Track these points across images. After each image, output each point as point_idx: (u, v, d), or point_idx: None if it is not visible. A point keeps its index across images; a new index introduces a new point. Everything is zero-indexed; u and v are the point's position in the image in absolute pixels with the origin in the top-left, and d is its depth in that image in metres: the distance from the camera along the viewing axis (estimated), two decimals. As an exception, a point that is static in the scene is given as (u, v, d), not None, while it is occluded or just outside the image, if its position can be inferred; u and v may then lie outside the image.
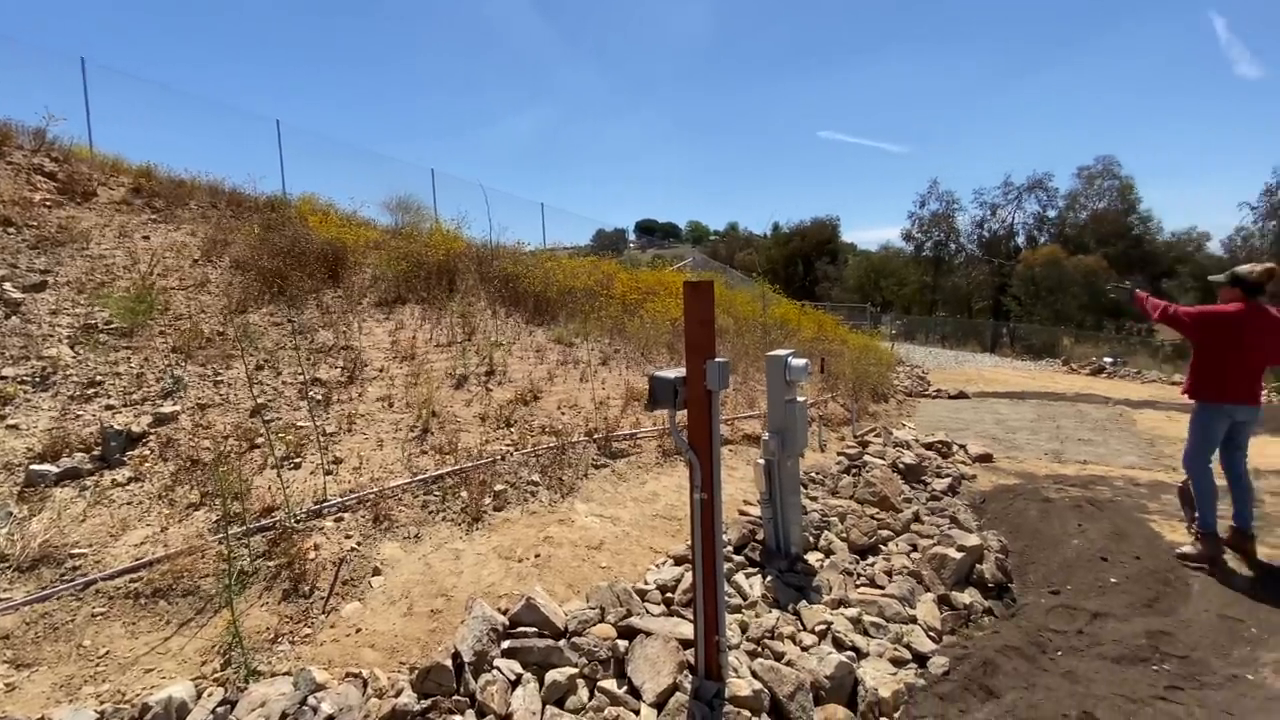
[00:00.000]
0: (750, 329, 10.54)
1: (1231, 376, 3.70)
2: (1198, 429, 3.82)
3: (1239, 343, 3.65)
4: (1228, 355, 3.69)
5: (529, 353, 6.58)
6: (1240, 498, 3.80)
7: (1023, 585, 3.58)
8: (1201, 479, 3.83)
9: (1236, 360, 3.69)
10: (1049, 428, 7.99)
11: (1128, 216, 31.00)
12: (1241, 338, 3.64)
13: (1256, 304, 3.66)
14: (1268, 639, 2.94)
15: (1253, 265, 3.78)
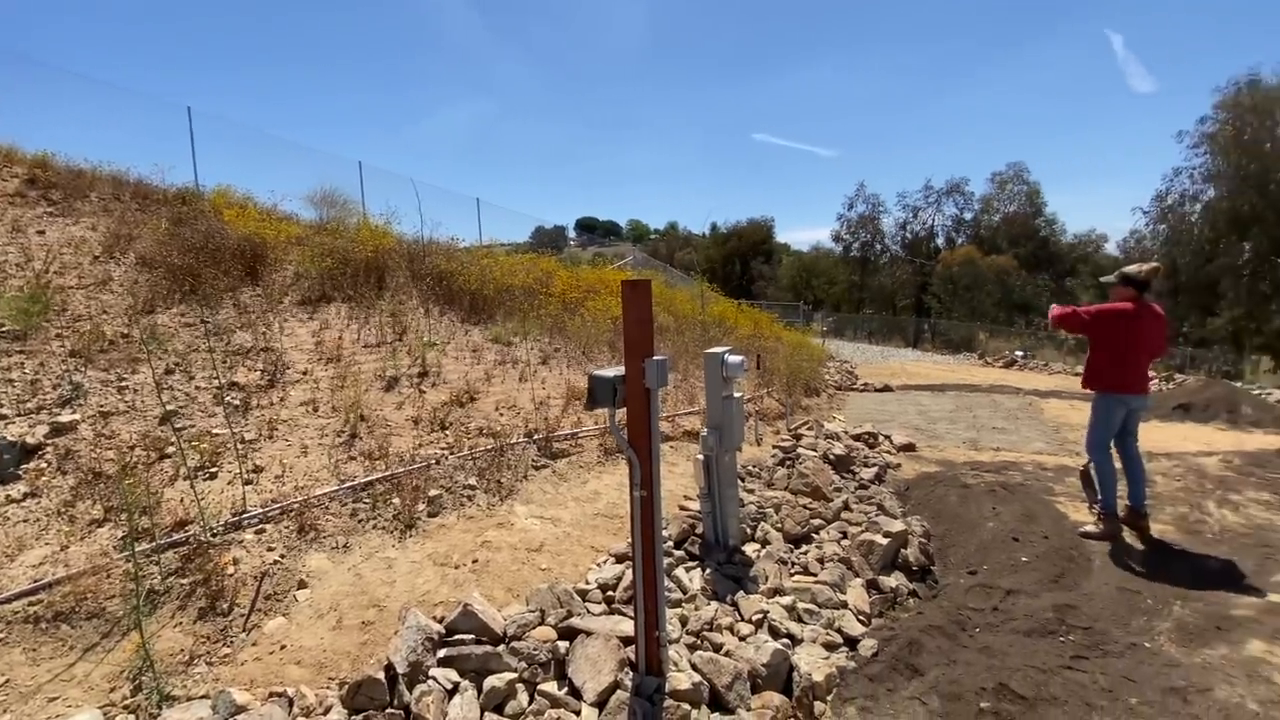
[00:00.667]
0: (690, 327, 10.68)
1: (1127, 369, 4.03)
2: (1101, 418, 4.13)
3: (1132, 338, 3.99)
4: (1123, 349, 4.01)
5: (465, 353, 6.43)
6: (1135, 479, 4.16)
7: (944, 567, 3.79)
8: (1103, 463, 4.16)
9: (1130, 354, 4.02)
10: (966, 417, 8.50)
11: (1035, 219, 33.38)
12: (1134, 333, 3.98)
13: (1144, 301, 4.01)
14: (1161, 609, 3.22)
15: (1140, 265, 4.13)
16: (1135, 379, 4.05)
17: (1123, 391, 4.04)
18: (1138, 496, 4.16)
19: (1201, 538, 4.14)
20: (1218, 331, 20.82)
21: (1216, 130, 19.73)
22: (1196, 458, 6.05)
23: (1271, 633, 2.95)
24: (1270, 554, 3.82)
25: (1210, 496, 4.88)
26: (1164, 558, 3.82)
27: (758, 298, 43.67)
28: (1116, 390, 4.04)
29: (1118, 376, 4.04)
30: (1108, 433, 4.12)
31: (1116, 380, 4.04)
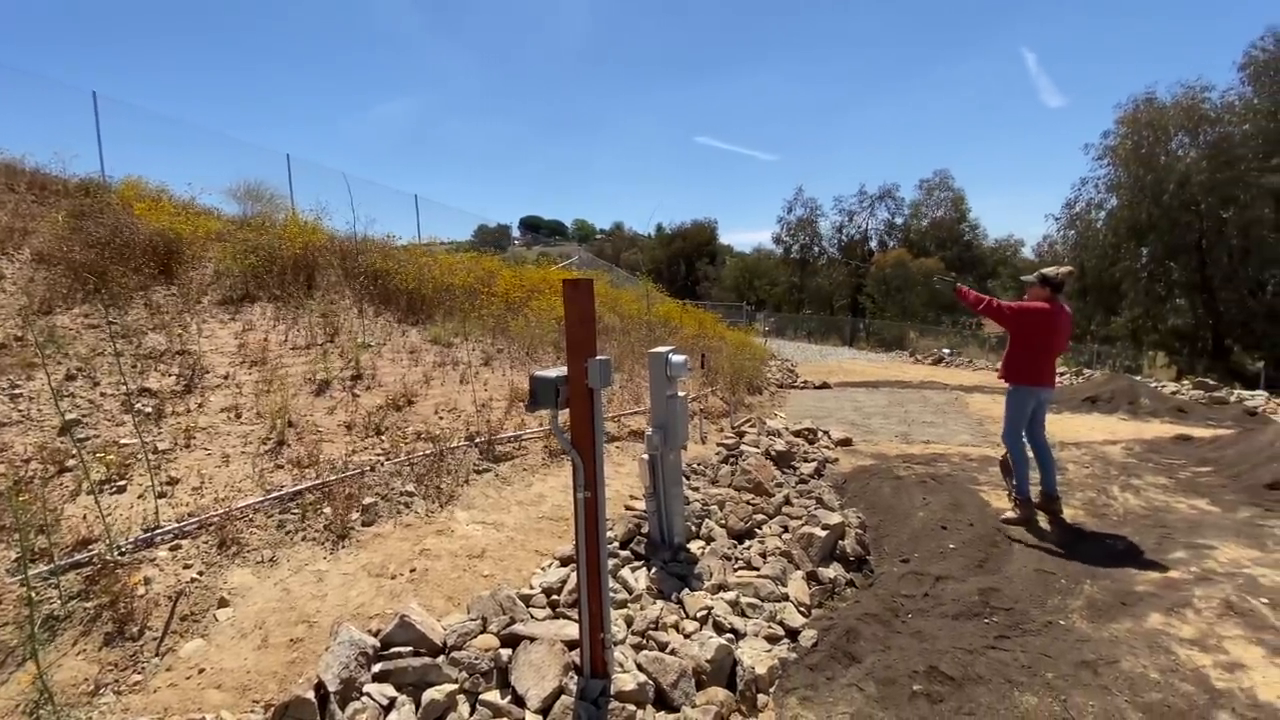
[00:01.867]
0: (635, 327, 10.71)
1: (1041, 364, 4.31)
2: (1016, 409, 4.41)
3: (1048, 335, 4.28)
4: (1039, 346, 4.30)
5: (402, 354, 6.21)
6: (1046, 467, 4.45)
7: (879, 556, 3.94)
8: (1017, 451, 4.44)
9: (1044, 350, 4.31)
10: (899, 413, 8.88)
11: (960, 224, 35.31)
12: (1050, 331, 4.27)
13: (1058, 302, 4.30)
14: (1074, 588, 3.45)
15: (1057, 268, 4.43)
16: (1047, 373, 4.36)
17: (1036, 384, 4.33)
18: (1050, 483, 4.45)
19: (1108, 520, 4.46)
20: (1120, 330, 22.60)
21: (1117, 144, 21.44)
22: (1102, 446, 6.53)
23: (1169, 606, 3.21)
24: (1167, 533, 4.16)
25: (1115, 482, 5.28)
26: (1075, 540, 4.09)
27: (702, 298, 44.25)
28: (1031, 383, 4.32)
29: (1033, 371, 4.32)
30: (1022, 423, 4.40)
31: (1032, 374, 4.32)
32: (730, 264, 48.73)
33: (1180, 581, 3.46)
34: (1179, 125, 20.27)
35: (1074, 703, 2.50)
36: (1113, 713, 2.44)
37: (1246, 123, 19.29)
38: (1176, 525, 4.30)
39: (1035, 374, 4.33)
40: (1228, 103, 20.03)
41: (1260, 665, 2.68)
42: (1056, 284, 4.27)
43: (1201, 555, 3.79)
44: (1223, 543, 3.97)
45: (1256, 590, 3.32)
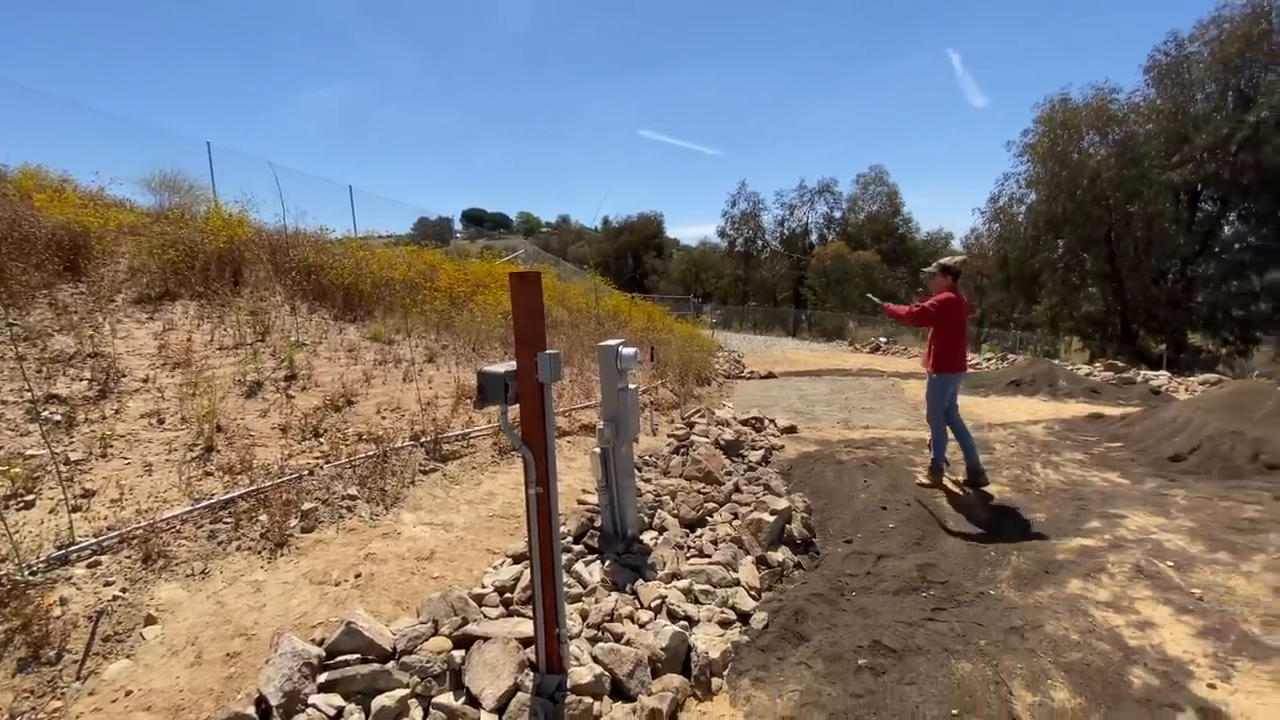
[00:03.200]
0: (584, 320, 10.65)
1: (959, 350, 4.62)
2: (938, 394, 4.71)
3: (961, 323, 4.59)
4: (955, 334, 4.60)
5: (339, 353, 5.97)
6: (968, 446, 4.76)
7: (824, 538, 4.08)
8: (940, 430, 4.74)
9: (960, 337, 4.63)
10: (840, 400, 9.20)
11: (894, 218, 36.73)
12: (962, 319, 4.58)
13: (959, 289, 4.61)
14: (1002, 560, 3.66)
15: (953, 257, 4.74)
16: (964, 358, 4.71)
17: (958, 370, 4.64)
18: (974, 459, 4.74)
19: (1031, 495, 4.76)
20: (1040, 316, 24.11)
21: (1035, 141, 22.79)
22: (1026, 426, 6.96)
23: (1086, 572, 3.46)
24: (1084, 505, 4.47)
25: (1037, 459, 5.64)
26: (1003, 515, 4.35)
27: (650, 291, 44.43)
28: (955, 370, 4.62)
29: (955, 358, 4.63)
30: (944, 405, 4.71)
31: (956, 361, 4.62)
32: (677, 257, 49.12)
33: (1095, 549, 3.73)
34: (1090, 124, 21.74)
35: (1004, 666, 2.66)
36: (1038, 673, 2.61)
37: (1150, 122, 20.85)
38: (1092, 497, 4.64)
39: (958, 361, 4.63)
40: (1134, 104, 21.62)
41: (1168, 623, 2.93)
42: (955, 272, 4.59)
43: (1114, 524, 4.10)
44: (1132, 512, 4.31)
45: (1162, 554, 3.62)
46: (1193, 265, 21.14)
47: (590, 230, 61.00)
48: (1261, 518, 4.09)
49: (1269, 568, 3.39)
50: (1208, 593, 3.17)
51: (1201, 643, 2.75)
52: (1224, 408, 5.79)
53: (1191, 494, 4.65)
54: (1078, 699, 2.45)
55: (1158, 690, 2.47)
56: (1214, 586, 3.23)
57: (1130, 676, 2.56)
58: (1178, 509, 4.35)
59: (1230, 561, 3.49)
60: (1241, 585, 3.22)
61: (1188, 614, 2.99)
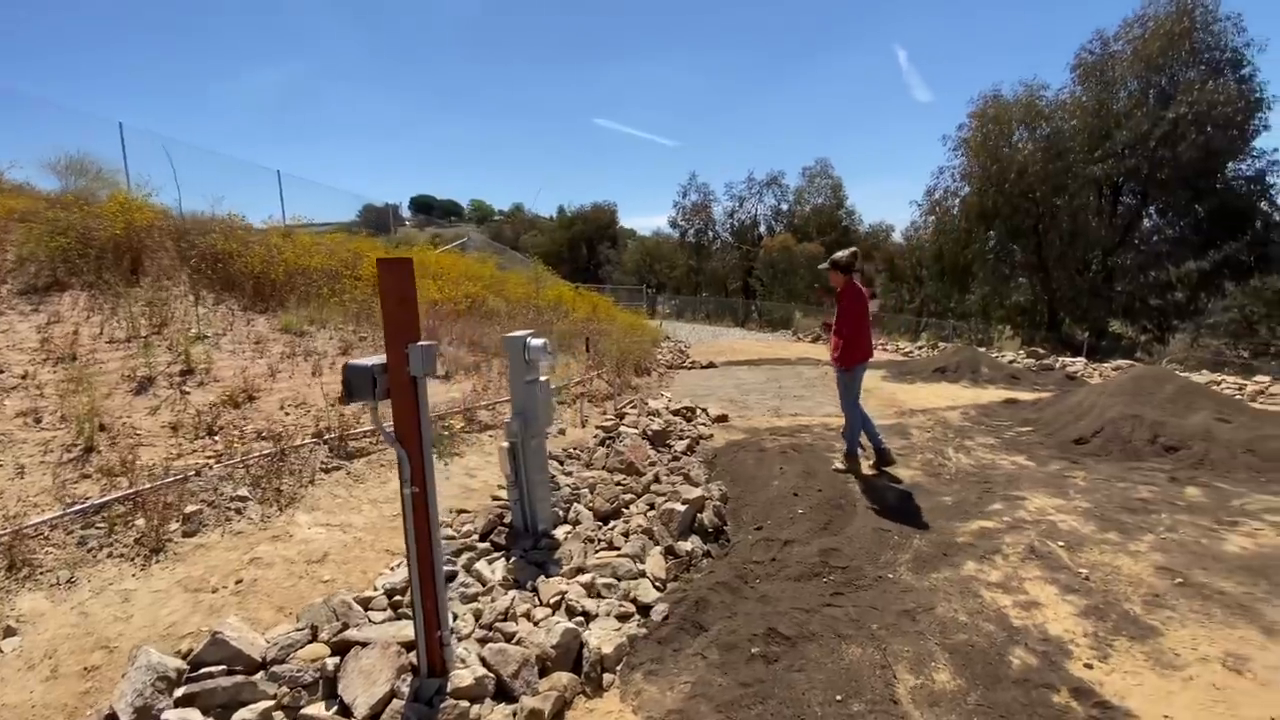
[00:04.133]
0: (522, 311, 10.45)
1: (866, 340, 4.77)
2: (852, 384, 4.81)
3: (865, 316, 4.75)
4: (864, 327, 4.74)
5: (245, 345, 5.65)
6: (871, 430, 4.89)
7: (737, 525, 4.09)
8: (856, 417, 4.85)
9: (867, 329, 4.77)
10: (774, 388, 9.32)
11: (838, 211, 37.42)
12: (866, 311, 4.74)
13: (855, 282, 4.73)
14: (905, 543, 3.74)
15: (845, 251, 4.87)
16: (870, 347, 4.86)
17: (864, 360, 4.81)
18: (878, 439, 4.91)
19: (941, 478, 4.90)
20: (973, 306, 25.08)
21: (969, 136, 23.59)
22: (944, 412, 7.19)
23: (982, 554, 3.56)
24: (989, 488, 4.63)
25: (951, 444, 5.82)
26: (912, 498, 4.46)
27: (604, 281, 44.15)
28: (862, 360, 4.79)
29: (861, 349, 4.78)
30: (857, 393, 4.84)
31: (861, 352, 4.78)
32: (631, 247, 48.90)
33: (994, 531, 3.86)
34: (1019, 120, 22.62)
35: (893, 649, 2.71)
36: (924, 655, 2.66)
37: (1075, 118, 21.85)
38: (998, 480, 4.81)
39: (865, 350, 4.79)
40: (1060, 100, 22.60)
41: (1053, 602, 3.04)
42: (845, 266, 4.70)
43: (1015, 506, 4.25)
44: (1033, 494, 4.48)
45: (1055, 535, 3.77)
46: (1113, 256, 22.32)
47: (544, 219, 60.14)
48: (1154, 498, 4.31)
49: (1155, 547, 3.56)
50: (1094, 572, 3.31)
51: (1083, 622, 2.86)
52: (1126, 393, 6.10)
53: (1091, 475, 4.87)
54: (958, 680, 2.51)
55: (1035, 670, 2.54)
56: (1101, 566, 3.38)
57: (1011, 657, 2.64)
58: (1076, 490, 4.55)
59: (1119, 541, 3.66)
60: (1127, 564, 3.38)
61: (1073, 593, 3.11)
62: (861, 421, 4.94)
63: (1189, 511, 4.05)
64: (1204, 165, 19.89)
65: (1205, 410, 5.49)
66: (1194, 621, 2.80)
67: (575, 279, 42.95)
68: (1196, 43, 19.52)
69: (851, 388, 4.80)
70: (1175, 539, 3.65)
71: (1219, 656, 2.55)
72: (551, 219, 57.48)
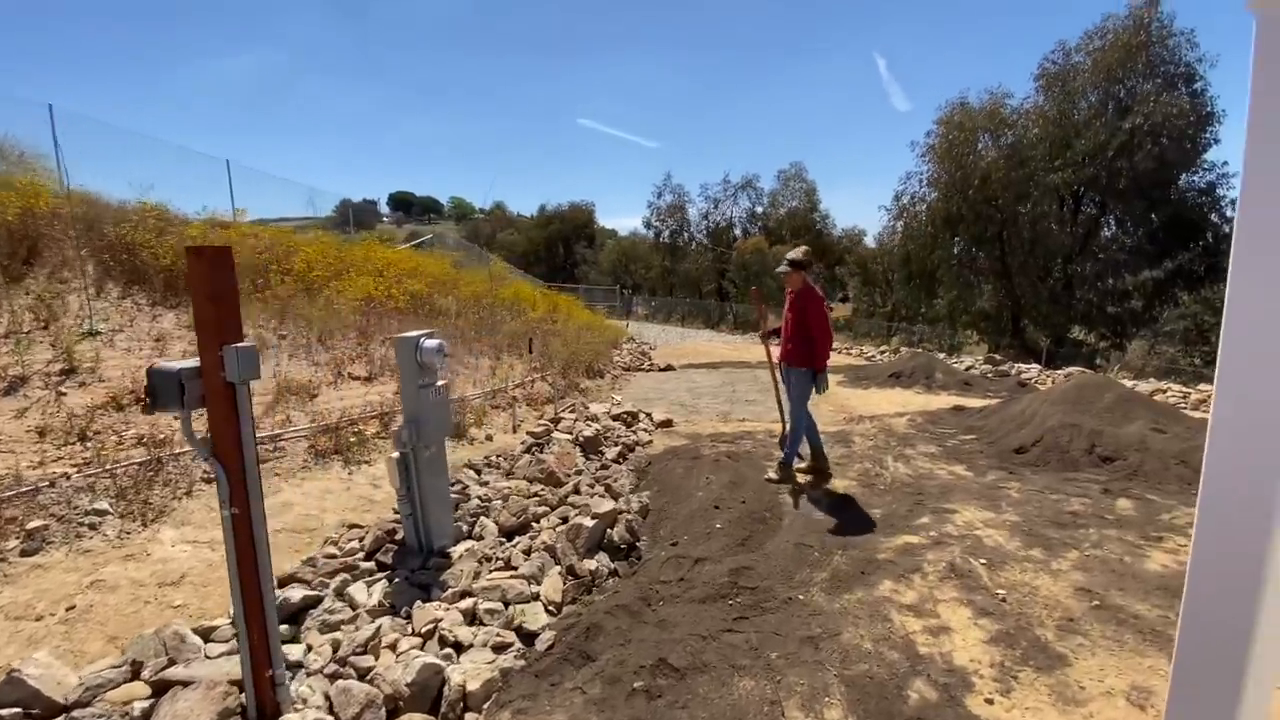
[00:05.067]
0: (473, 310, 10.12)
1: (829, 346, 4.59)
2: (808, 389, 4.64)
3: (828, 318, 4.54)
4: (828, 329, 4.56)
5: (143, 343, 5.26)
6: (815, 438, 4.72)
7: (653, 541, 3.86)
8: (804, 424, 4.68)
9: (830, 331, 4.59)
10: (727, 392, 9.13)
11: (812, 214, 37.58)
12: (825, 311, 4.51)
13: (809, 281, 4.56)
14: (825, 560, 3.55)
15: (798, 250, 4.69)
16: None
17: (825, 364, 4.62)
18: (818, 445, 4.76)
19: (875, 489, 4.74)
20: (940, 312, 25.32)
21: (936, 142, 23.83)
22: (891, 419, 7.06)
23: (902, 572, 3.38)
24: (921, 500, 4.48)
25: (891, 452, 5.68)
26: (840, 511, 4.28)
27: (580, 281, 43.75)
28: (825, 365, 4.61)
29: (827, 353, 4.61)
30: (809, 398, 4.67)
31: (826, 357, 4.61)
32: (609, 247, 48.63)
33: (918, 547, 3.69)
34: (984, 128, 22.91)
35: (787, 682, 2.50)
36: (819, 689, 2.46)
37: (1037, 127, 22.17)
38: (932, 491, 4.66)
39: (828, 355, 4.63)
40: (1024, 109, 22.95)
41: (964, 628, 2.86)
42: (805, 264, 4.54)
43: (944, 520, 4.10)
44: (965, 506, 4.33)
45: (979, 551, 3.61)
46: (1074, 264, 22.71)
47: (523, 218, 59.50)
48: (1084, 512, 4.19)
49: (1077, 565, 3.42)
50: (1012, 593, 3.15)
51: (992, 650, 2.68)
52: (1067, 401, 6.02)
53: (1025, 487, 4.75)
54: (850, 718, 2.31)
55: (933, 707, 2.35)
56: (1019, 586, 3.22)
57: (910, 690, 2.45)
58: (1009, 503, 4.42)
59: (1042, 559, 3.51)
60: (1047, 585, 3.22)
61: (986, 617, 2.94)
62: (807, 429, 4.78)
63: (1117, 526, 3.94)
64: (1159, 176, 20.32)
65: (1142, 420, 5.43)
66: (1105, 649, 2.64)
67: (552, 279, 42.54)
68: (1153, 56, 19.93)
69: (808, 393, 4.63)
70: (1099, 555, 3.51)
71: (1124, 690, 2.38)
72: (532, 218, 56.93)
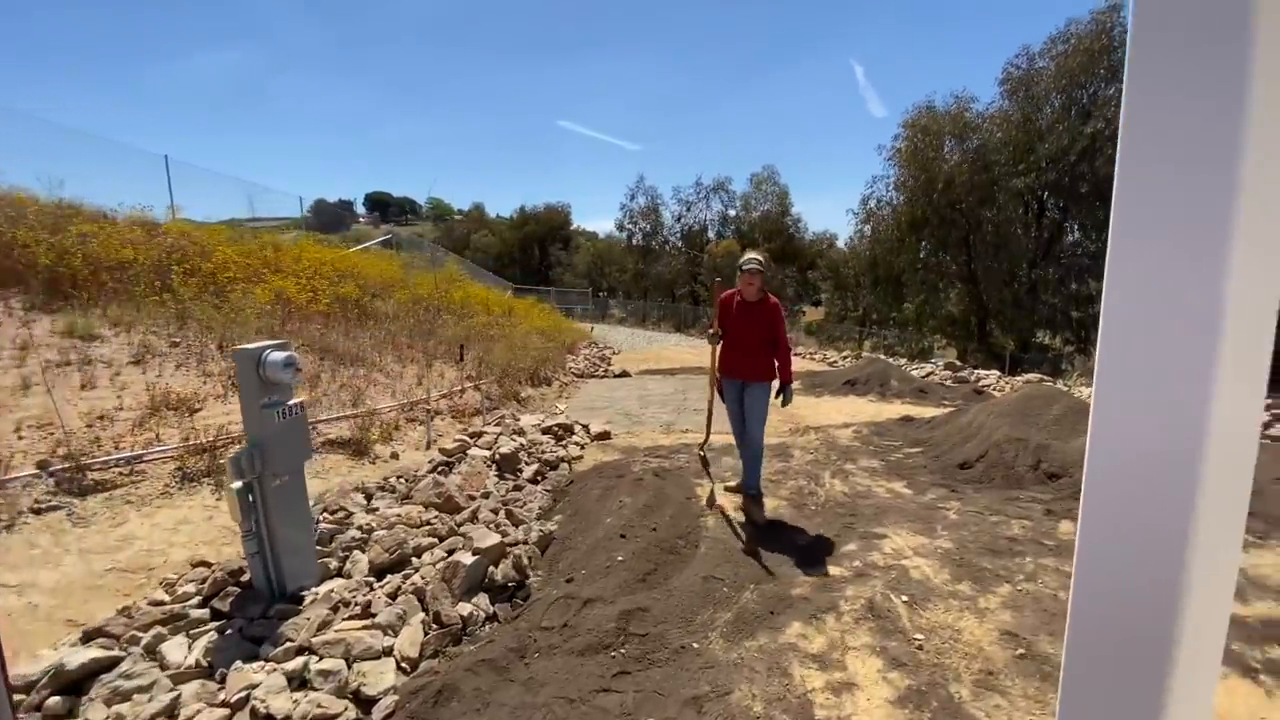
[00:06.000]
0: (412, 312, 9.63)
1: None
2: (769, 405, 4.31)
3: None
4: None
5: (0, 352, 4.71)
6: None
7: (550, 576, 3.46)
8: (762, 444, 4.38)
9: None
10: (678, 400, 8.77)
11: (784, 218, 37.53)
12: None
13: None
14: (733, 597, 3.18)
15: (753, 254, 4.31)
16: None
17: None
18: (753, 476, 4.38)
19: (805, 510, 4.40)
20: (907, 316, 25.33)
21: (902, 146, 23.84)
22: (837, 430, 6.76)
23: (814, 612, 3.04)
24: (852, 523, 4.15)
25: (830, 468, 5.36)
26: (765, 536, 3.93)
27: (554, 283, 43.14)
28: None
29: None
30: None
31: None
32: (584, 249, 48.17)
33: (837, 581, 3.35)
34: (949, 132, 22.96)
35: (655, 760, 2.12)
36: (690, 768, 2.09)
37: (1001, 131, 22.26)
38: (865, 513, 4.34)
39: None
40: (989, 113, 23.03)
41: (871, 683, 2.52)
42: (757, 270, 4.20)
43: (871, 546, 3.77)
44: (897, 530, 4.02)
45: (903, 585, 3.28)
46: (1038, 268, 22.85)
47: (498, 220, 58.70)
48: (1023, 537, 3.90)
49: (1007, 603, 3.11)
50: (931, 638, 2.82)
51: (897, 714, 2.33)
52: (1014, 413, 5.77)
53: (966, 506, 4.46)
54: (717, 807, 1.94)
55: (817, 786, 2.00)
56: (940, 629, 2.89)
57: (795, 766, 2.09)
58: (944, 525, 4.11)
59: (970, 594, 3.20)
60: (970, 627, 2.90)
61: (899, 669, 2.60)
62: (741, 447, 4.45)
63: (1055, 554, 3.64)
64: (1120, 182, 20.45)
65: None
66: (1023, 711, 2.32)
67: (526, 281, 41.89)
68: (1114, 61, 20.10)
69: (768, 409, 4.33)
70: (1031, 591, 3.21)
71: (1038, 769, 2.05)
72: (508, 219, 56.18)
